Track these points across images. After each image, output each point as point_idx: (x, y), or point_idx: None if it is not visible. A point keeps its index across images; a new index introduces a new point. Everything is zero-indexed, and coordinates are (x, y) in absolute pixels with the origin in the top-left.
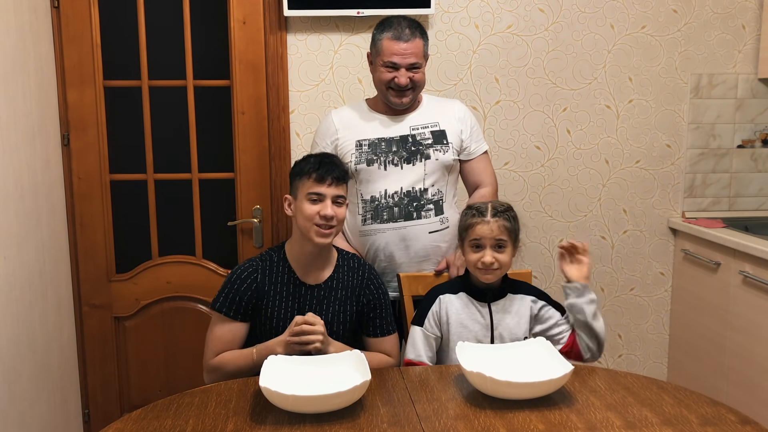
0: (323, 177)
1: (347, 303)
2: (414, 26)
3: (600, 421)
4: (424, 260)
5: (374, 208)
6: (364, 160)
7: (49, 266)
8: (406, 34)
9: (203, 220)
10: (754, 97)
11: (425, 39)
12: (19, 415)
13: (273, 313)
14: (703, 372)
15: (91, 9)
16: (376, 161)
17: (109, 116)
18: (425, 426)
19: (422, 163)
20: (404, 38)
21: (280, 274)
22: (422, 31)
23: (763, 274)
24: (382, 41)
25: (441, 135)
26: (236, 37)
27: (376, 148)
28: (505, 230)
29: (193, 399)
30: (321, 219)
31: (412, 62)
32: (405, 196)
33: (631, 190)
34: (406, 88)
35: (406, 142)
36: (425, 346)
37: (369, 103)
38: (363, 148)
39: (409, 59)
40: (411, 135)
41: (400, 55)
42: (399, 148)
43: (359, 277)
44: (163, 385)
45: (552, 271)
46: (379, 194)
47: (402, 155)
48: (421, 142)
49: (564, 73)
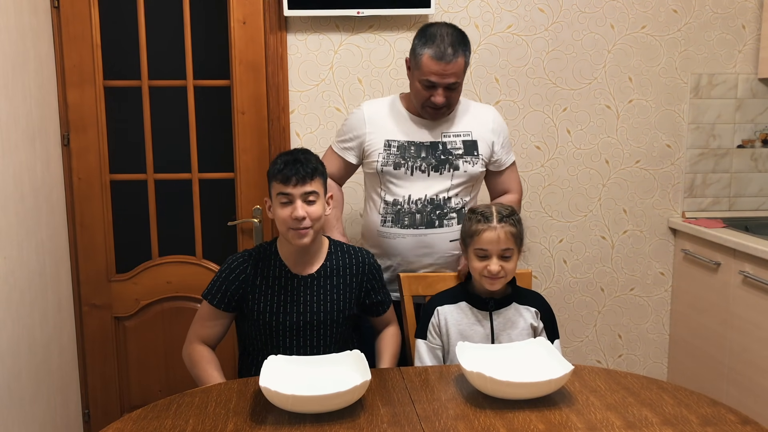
0: (288, 177)
1: (346, 290)
2: (458, 42)
3: (600, 421)
4: (442, 268)
5: (396, 211)
6: (392, 162)
7: (49, 266)
8: (449, 54)
9: (203, 220)
10: (754, 97)
11: (468, 53)
12: (19, 415)
13: (262, 305)
14: (703, 372)
15: (91, 9)
16: (404, 165)
17: (109, 116)
18: (425, 426)
19: (450, 173)
20: (446, 59)
21: (271, 267)
22: (465, 46)
23: (763, 274)
24: (422, 57)
25: (472, 146)
26: (236, 37)
27: (405, 152)
28: (512, 237)
29: (193, 399)
30: (293, 221)
31: (451, 82)
32: (428, 203)
33: (631, 190)
34: (441, 107)
35: (436, 149)
36: (431, 358)
37: (403, 101)
38: (391, 149)
39: (448, 79)
40: (442, 142)
41: (439, 75)
42: (428, 155)
43: (357, 264)
44: (163, 385)
45: (552, 271)
46: (403, 199)
47: (431, 162)
48: (452, 151)
49: (564, 73)
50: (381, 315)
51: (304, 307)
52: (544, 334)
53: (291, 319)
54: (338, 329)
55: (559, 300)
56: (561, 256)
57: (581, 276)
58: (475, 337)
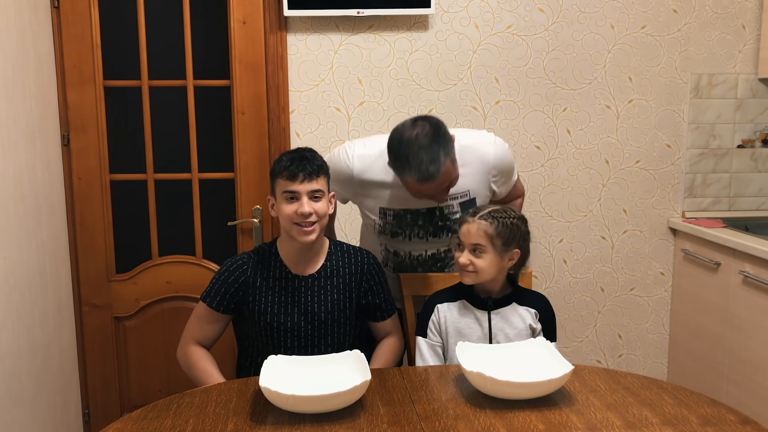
0: (295, 174)
1: (346, 290)
2: (435, 154)
3: (600, 421)
4: None
5: (397, 262)
6: (389, 231)
7: (49, 266)
8: (433, 173)
9: (203, 220)
10: (754, 97)
11: (449, 150)
12: (19, 415)
13: (263, 306)
14: (703, 372)
15: (91, 9)
16: (401, 234)
17: (109, 116)
18: (425, 426)
19: (449, 236)
20: (432, 179)
21: (270, 268)
22: (442, 148)
23: (763, 274)
24: (408, 182)
25: (470, 204)
26: (236, 37)
27: (401, 221)
28: (484, 234)
29: (193, 399)
30: (299, 217)
31: (446, 185)
32: (430, 258)
33: (631, 190)
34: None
35: (433, 216)
36: (433, 356)
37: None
38: (387, 217)
39: (442, 185)
40: (439, 208)
41: (434, 187)
42: (425, 222)
43: (358, 263)
44: (163, 385)
45: (552, 271)
46: (404, 253)
47: (428, 229)
48: (449, 216)
49: (564, 73)
50: (380, 321)
51: (304, 308)
52: (542, 336)
53: (292, 319)
54: (339, 330)
55: (559, 300)
56: (561, 256)
57: (581, 276)
58: (472, 336)
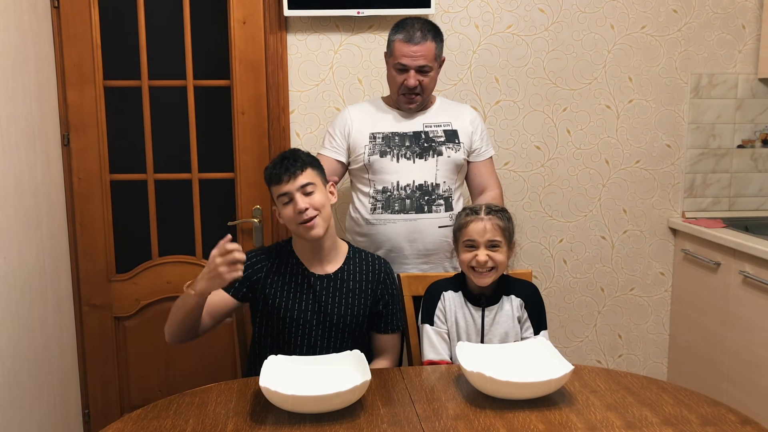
0: (280, 176)
1: (361, 296)
2: (427, 29)
3: (600, 421)
4: (431, 254)
5: (386, 198)
6: (378, 151)
7: (49, 266)
8: (417, 36)
9: (203, 220)
10: (754, 97)
11: (438, 41)
12: (19, 415)
13: (278, 300)
14: (703, 372)
15: (91, 9)
16: (389, 153)
17: (109, 116)
18: (425, 426)
19: (434, 159)
20: (415, 40)
21: (287, 265)
22: (436, 34)
23: (763, 274)
24: (394, 42)
25: (453, 134)
26: (236, 37)
27: (390, 141)
28: (499, 229)
29: (193, 399)
30: (298, 216)
31: (421, 65)
32: (417, 189)
33: (631, 190)
34: (414, 92)
35: (419, 138)
36: (441, 343)
37: (385, 100)
38: (377, 140)
39: (418, 61)
40: (424, 131)
41: (409, 57)
42: (412, 143)
43: (374, 271)
44: (163, 385)
45: (552, 271)
46: (392, 185)
47: (415, 150)
48: (434, 138)
49: (564, 73)
50: (383, 333)
51: (318, 306)
52: (529, 324)
53: (305, 316)
54: (350, 334)
55: (559, 300)
56: (561, 256)
57: (581, 276)
58: (468, 329)
